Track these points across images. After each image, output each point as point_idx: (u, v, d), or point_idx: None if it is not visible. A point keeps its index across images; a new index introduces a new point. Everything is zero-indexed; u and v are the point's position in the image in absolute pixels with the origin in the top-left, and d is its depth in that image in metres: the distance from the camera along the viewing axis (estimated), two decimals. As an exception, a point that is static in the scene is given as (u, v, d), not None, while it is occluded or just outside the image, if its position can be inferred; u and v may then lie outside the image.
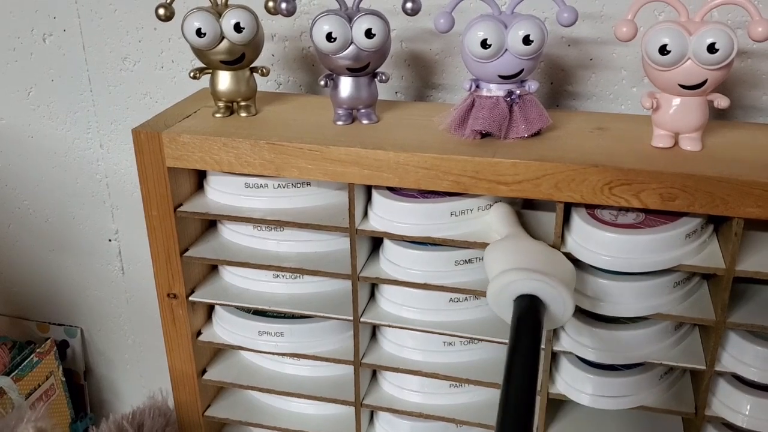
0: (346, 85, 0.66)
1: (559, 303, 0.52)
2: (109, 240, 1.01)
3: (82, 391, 1.13)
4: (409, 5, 0.63)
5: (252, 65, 0.69)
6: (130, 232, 0.99)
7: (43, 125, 0.95)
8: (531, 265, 0.53)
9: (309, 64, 0.82)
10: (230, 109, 0.70)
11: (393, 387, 0.75)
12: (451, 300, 0.68)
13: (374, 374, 0.77)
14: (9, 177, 1.01)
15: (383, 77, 0.67)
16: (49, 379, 1.02)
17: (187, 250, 0.71)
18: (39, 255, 1.05)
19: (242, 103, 0.69)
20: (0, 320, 1.11)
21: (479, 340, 0.68)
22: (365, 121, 0.67)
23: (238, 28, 0.64)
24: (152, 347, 1.07)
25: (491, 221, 0.64)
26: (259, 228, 0.71)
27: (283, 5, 0.63)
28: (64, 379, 1.06)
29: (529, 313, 0.51)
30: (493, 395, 0.72)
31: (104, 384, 1.15)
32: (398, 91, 0.81)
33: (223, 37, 0.65)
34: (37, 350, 1.01)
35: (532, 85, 0.62)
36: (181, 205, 0.70)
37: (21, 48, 0.91)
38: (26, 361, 0.99)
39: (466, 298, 0.68)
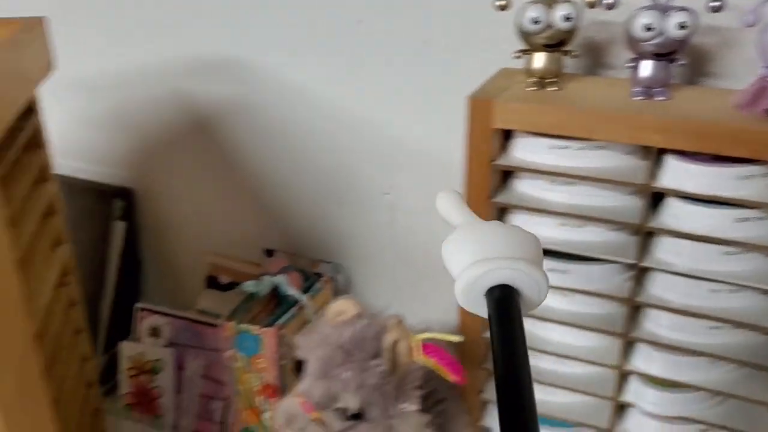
0: (648, 67, 0.80)
1: (532, 286, 0.49)
2: (385, 194, 1.20)
3: (340, 321, 1.34)
4: (715, 4, 0.76)
5: (564, 48, 0.84)
6: (404, 187, 1.18)
7: (341, 95, 1.16)
8: (495, 253, 0.50)
9: (591, 49, 0.97)
10: (541, 84, 0.86)
11: (655, 325, 0.88)
12: (725, 253, 0.80)
13: (635, 312, 0.90)
14: (310, 136, 1.22)
15: (680, 62, 0.80)
16: (326, 305, 1.24)
17: (492, 197, 0.89)
18: (321, 204, 1.27)
19: (552, 80, 0.85)
20: (284, 256, 1.35)
21: (746, 287, 0.80)
22: (660, 98, 0.81)
23: (567, 18, 0.80)
24: (408, 288, 1.26)
25: (441, 212, 0.62)
26: (553, 181, 0.86)
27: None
28: (335, 306, 1.27)
29: (504, 305, 0.48)
30: (748, 337, 0.83)
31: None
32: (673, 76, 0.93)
33: (550, 25, 0.81)
34: (322, 279, 1.23)
35: (822, 73, 0.73)
36: (494, 159, 0.87)
37: (340, 31, 1.12)
38: (314, 286, 1.21)
39: (740, 252, 0.80)
